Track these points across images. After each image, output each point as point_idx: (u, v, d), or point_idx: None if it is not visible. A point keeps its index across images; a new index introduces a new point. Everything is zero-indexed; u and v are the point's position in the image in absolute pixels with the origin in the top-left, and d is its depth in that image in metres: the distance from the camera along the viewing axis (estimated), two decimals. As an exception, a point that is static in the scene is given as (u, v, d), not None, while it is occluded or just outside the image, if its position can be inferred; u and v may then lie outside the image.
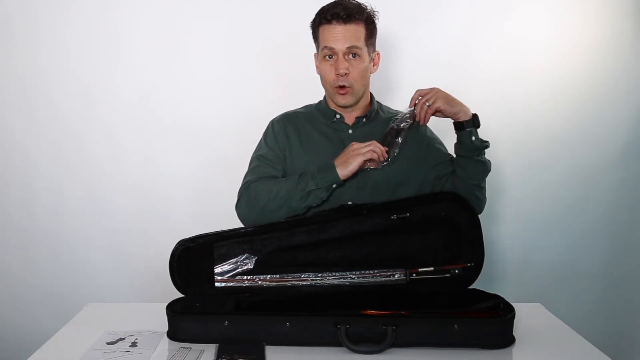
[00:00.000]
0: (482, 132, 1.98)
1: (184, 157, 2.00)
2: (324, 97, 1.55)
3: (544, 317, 1.36)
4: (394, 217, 1.31)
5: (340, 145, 1.48)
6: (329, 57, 1.42)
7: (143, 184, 2.01)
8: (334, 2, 1.43)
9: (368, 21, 1.43)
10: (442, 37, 1.95)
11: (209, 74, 1.96)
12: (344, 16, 1.38)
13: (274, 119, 1.57)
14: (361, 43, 1.41)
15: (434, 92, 1.38)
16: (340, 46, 1.39)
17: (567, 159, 2.04)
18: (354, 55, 1.41)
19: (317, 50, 1.48)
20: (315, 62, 1.50)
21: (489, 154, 1.44)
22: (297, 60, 1.93)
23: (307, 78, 1.90)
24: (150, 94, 1.96)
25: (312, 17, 1.45)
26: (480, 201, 1.47)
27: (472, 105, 1.97)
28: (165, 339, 1.20)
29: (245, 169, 1.51)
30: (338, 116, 1.51)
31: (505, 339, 1.18)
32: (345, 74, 1.41)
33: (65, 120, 1.98)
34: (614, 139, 2.04)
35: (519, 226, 2.08)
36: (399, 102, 1.63)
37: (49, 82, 1.95)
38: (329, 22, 1.40)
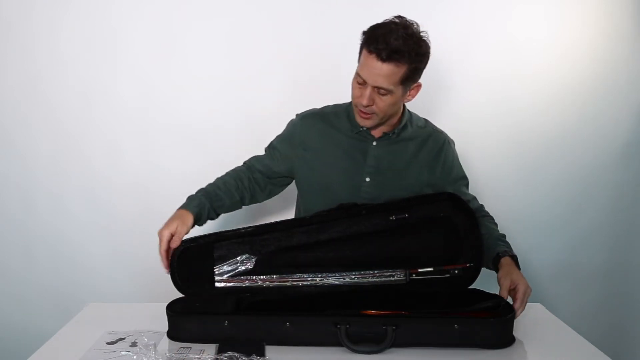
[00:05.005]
0: (482, 132, 2.00)
1: (184, 157, 2.00)
2: None
3: (544, 317, 1.36)
4: (393, 217, 1.31)
5: (361, 157, 1.44)
6: (361, 82, 1.34)
7: (143, 184, 2.01)
8: (388, 29, 1.29)
9: (413, 62, 1.30)
10: (442, 37, 1.94)
11: (208, 75, 1.95)
12: (384, 56, 1.27)
13: (301, 114, 1.53)
14: (392, 85, 1.30)
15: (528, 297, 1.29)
16: (370, 81, 1.31)
17: (567, 159, 2.04)
18: (383, 94, 1.33)
19: (358, 61, 1.37)
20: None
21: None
22: (299, 62, 1.93)
23: (310, 80, 1.92)
24: (149, 94, 1.96)
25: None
26: None
27: (472, 105, 2.00)
28: (165, 339, 1.20)
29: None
30: (365, 128, 1.44)
31: (505, 339, 1.18)
32: (369, 105, 1.34)
33: (64, 120, 1.97)
34: (614, 139, 2.04)
35: (518, 226, 2.07)
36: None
37: (47, 82, 1.94)
38: (370, 52, 1.29)
